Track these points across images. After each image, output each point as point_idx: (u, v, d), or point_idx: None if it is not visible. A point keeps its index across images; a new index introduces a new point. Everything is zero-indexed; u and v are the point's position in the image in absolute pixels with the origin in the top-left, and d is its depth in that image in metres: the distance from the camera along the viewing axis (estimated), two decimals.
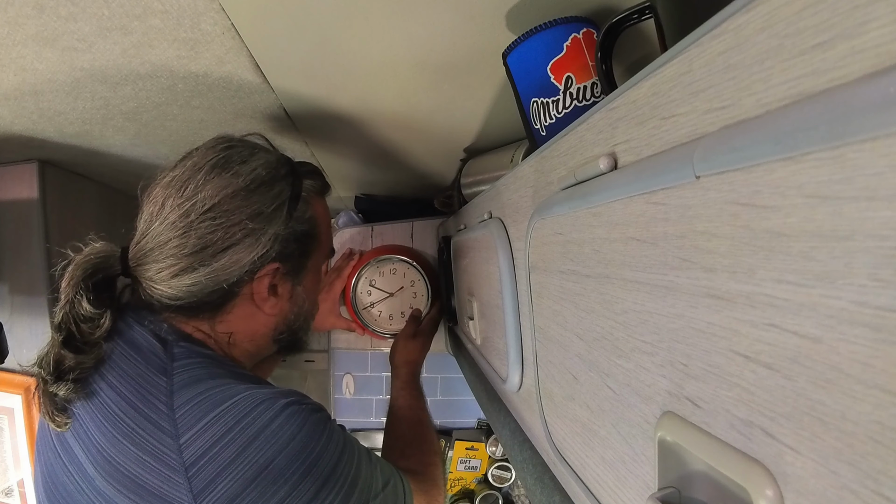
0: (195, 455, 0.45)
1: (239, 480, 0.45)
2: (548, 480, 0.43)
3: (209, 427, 0.46)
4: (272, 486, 0.45)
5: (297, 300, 0.64)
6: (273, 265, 0.58)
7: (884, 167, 0.12)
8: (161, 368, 0.50)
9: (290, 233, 0.59)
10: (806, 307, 0.14)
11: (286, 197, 0.58)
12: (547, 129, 0.45)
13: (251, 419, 0.47)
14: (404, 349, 0.97)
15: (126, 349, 0.52)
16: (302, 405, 0.50)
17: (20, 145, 0.87)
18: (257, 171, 0.56)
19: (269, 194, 0.56)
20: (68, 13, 0.46)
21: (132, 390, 0.49)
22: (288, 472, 0.46)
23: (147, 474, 0.46)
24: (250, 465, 0.45)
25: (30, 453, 1.00)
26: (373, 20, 0.47)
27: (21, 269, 0.97)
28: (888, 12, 0.12)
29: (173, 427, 0.47)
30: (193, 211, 0.53)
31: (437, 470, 0.72)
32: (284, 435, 0.47)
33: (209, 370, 0.51)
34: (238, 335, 0.59)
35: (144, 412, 0.48)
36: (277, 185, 0.57)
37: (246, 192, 0.55)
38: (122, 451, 0.47)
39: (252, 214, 0.54)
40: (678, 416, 0.22)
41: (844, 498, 0.14)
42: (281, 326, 0.64)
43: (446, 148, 0.89)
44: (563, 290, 0.35)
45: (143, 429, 0.47)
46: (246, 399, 0.48)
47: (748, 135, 0.16)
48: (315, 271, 0.67)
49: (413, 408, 0.84)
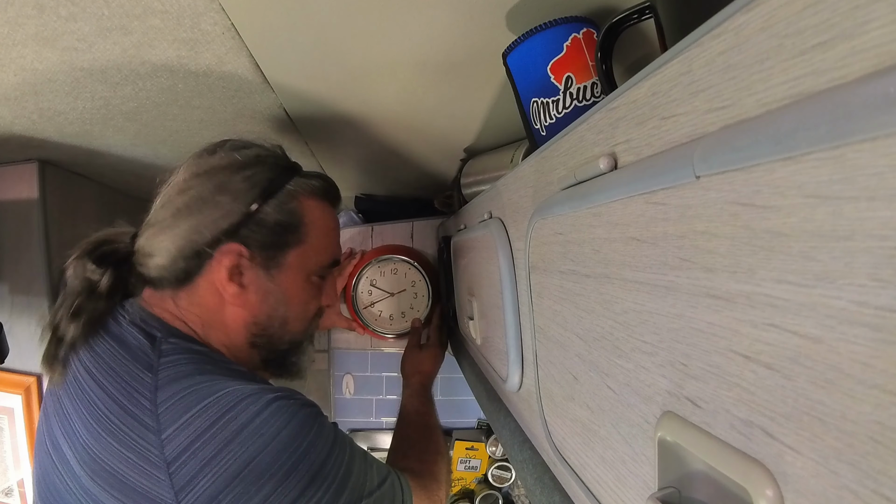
0: (177, 451, 0.45)
1: (221, 477, 0.44)
2: (548, 480, 0.43)
3: (192, 422, 0.46)
4: (256, 483, 0.44)
5: (269, 298, 0.60)
6: (236, 245, 0.57)
7: (884, 167, 0.12)
8: (147, 365, 0.50)
9: (262, 218, 0.58)
10: (806, 307, 0.14)
11: (261, 180, 0.59)
12: (547, 129, 0.45)
13: (235, 413, 0.46)
14: (414, 359, 1.01)
15: (114, 346, 0.53)
16: (290, 400, 0.49)
17: (20, 145, 0.87)
18: (234, 156, 0.60)
19: (242, 174, 0.58)
20: (68, 13, 0.46)
21: (118, 387, 0.49)
22: (273, 467, 0.45)
23: (130, 471, 0.45)
24: (233, 461, 0.44)
25: (30, 453, 1.00)
26: (373, 20, 0.47)
27: (21, 269, 0.97)
28: (888, 12, 0.12)
29: (156, 423, 0.46)
30: (172, 186, 0.59)
31: (437, 467, 0.72)
32: (270, 430, 0.46)
33: (198, 366, 0.51)
34: (209, 320, 0.58)
35: (128, 408, 0.48)
36: (253, 169, 0.59)
37: (218, 168, 0.58)
38: (106, 448, 0.47)
39: (218, 187, 0.57)
40: (678, 416, 0.22)
41: (844, 498, 0.14)
42: (252, 327, 0.60)
43: (446, 148, 0.89)
44: (563, 290, 0.35)
45: (126, 425, 0.47)
46: (231, 394, 0.47)
47: (748, 135, 0.16)
48: (297, 272, 0.62)
49: (420, 413, 0.86)
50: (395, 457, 0.74)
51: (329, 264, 0.67)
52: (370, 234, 1.22)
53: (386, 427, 1.26)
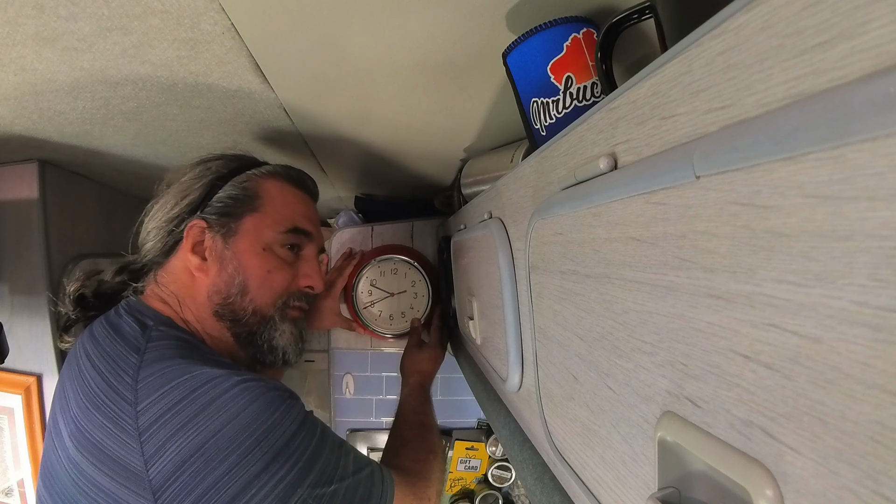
0: (149, 421, 0.48)
1: (186, 447, 0.47)
2: (548, 480, 0.44)
3: (164, 396, 0.50)
4: (220, 454, 0.47)
5: (227, 266, 0.64)
6: (197, 220, 0.65)
7: (884, 167, 0.12)
8: (135, 348, 0.55)
9: (220, 196, 0.67)
10: (806, 307, 0.14)
11: (219, 167, 0.69)
12: (547, 129, 0.45)
13: (204, 390, 0.50)
14: (414, 359, 1.02)
15: (111, 333, 0.58)
16: (259, 383, 0.52)
17: (20, 145, 0.87)
18: (206, 158, 0.71)
19: (202, 167, 0.69)
20: (68, 13, 0.46)
21: (108, 367, 0.54)
22: (236, 441, 0.48)
23: (108, 440, 0.49)
24: (198, 433, 0.47)
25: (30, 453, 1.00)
26: (373, 20, 0.47)
27: (21, 269, 0.97)
28: (888, 12, 0.12)
29: (134, 396, 0.50)
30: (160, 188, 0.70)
31: (428, 466, 0.73)
32: (235, 406, 0.49)
33: (180, 351, 0.55)
34: (182, 296, 0.64)
35: (113, 384, 0.52)
36: (213, 163, 0.70)
37: (191, 165, 0.70)
38: (90, 420, 0.51)
39: (188, 178, 0.68)
40: (678, 416, 0.22)
41: (844, 498, 0.14)
42: (214, 296, 0.64)
43: (446, 148, 0.89)
44: (563, 290, 0.35)
45: (109, 398, 0.51)
46: (204, 374, 0.51)
47: (748, 135, 0.16)
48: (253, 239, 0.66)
49: (417, 412, 0.86)
50: (387, 455, 0.75)
51: (287, 230, 0.69)
52: (370, 234, 1.21)
53: (386, 427, 1.26)
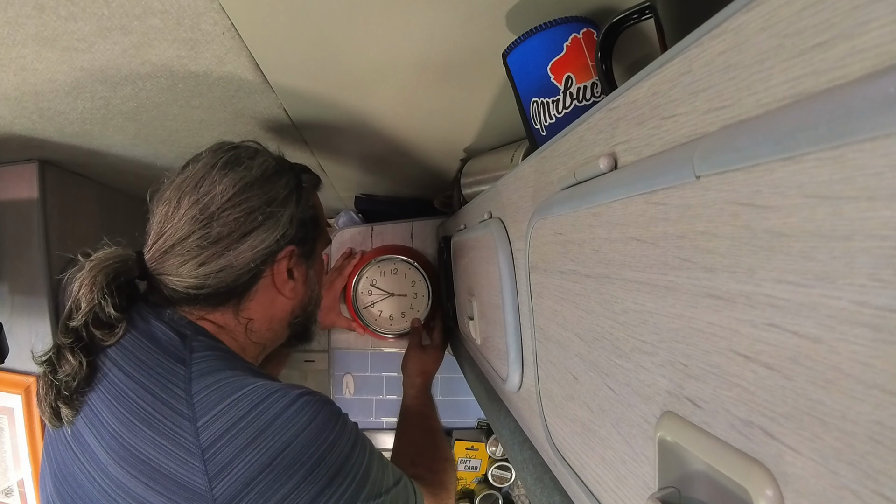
0: (212, 438, 0.46)
1: (254, 465, 0.45)
2: (548, 480, 0.44)
3: (225, 412, 0.47)
4: (287, 472, 0.45)
5: (310, 284, 0.69)
6: (290, 248, 0.62)
7: (884, 167, 0.12)
8: (179, 358, 0.52)
9: (301, 217, 0.64)
10: (806, 307, 0.14)
11: (294, 184, 0.64)
12: (547, 129, 0.45)
13: (266, 405, 0.48)
14: (418, 359, 1.01)
15: (142, 339, 0.54)
16: (314, 397, 0.52)
17: (20, 145, 0.87)
18: (267, 164, 0.62)
19: (280, 182, 0.62)
20: (68, 13, 0.46)
21: (149, 377, 0.51)
22: (302, 458, 0.47)
23: (163, 457, 0.46)
24: (266, 450, 0.46)
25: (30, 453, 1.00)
26: (373, 20, 0.47)
27: (21, 269, 0.97)
28: (888, 12, 0.12)
29: (191, 411, 0.48)
30: (213, 203, 0.57)
31: (447, 475, 0.73)
32: (299, 422, 0.48)
33: (225, 363, 0.54)
34: (257, 322, 0.62)
35: (162, 397, 0.49)
36: (286, 175, 0.64)
37: (261, 181, 0.60)
38: (137, 434, 0.48)
39: (269, 200, 0.60)
40: (678, 416, 0.22)
41: (844, 498, 0.14)
42: (297, 310, 0.67)
43: (446, 148, 0.89)
44: (563, 290, 0.35)
45: (160, 413, 0.48)
46: (261, 388, 0.50)
47: (748, 135, 0.16)
48: (320, 257, 0.73)
49: (425, 416, 0.86)
50: (403, 461, 0.73)
51: (328, 240, 0.77)
52: (370, 234, 1.22)
53: (386, 427, 1.26)
